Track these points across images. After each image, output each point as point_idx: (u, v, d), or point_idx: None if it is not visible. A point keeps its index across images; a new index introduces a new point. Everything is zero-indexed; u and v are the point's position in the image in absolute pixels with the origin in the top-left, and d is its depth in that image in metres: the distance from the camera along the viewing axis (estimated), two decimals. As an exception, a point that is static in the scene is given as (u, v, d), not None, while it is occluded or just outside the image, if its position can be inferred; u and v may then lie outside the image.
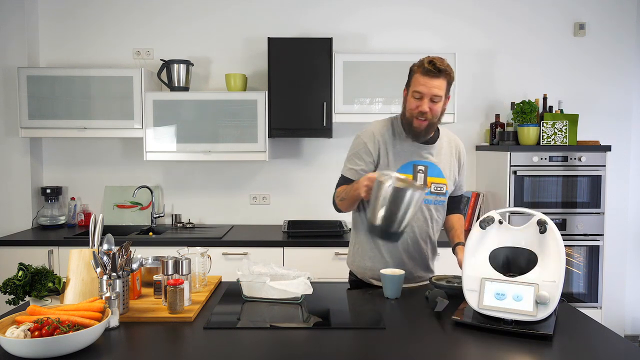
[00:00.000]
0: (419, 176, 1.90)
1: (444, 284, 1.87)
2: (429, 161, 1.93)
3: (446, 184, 1.96)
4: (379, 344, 1.42)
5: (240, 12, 3.58)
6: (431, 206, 1.97)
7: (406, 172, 1.90)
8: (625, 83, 3.63)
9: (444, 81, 1.81)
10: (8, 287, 1.67)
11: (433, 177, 1.93)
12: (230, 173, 3.65)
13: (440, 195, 1.96)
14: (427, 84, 1.80)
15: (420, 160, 1.92)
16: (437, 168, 1.94)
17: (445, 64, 1.81)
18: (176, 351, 1.41)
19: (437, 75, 1.79)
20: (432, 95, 1.81)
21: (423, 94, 1.81)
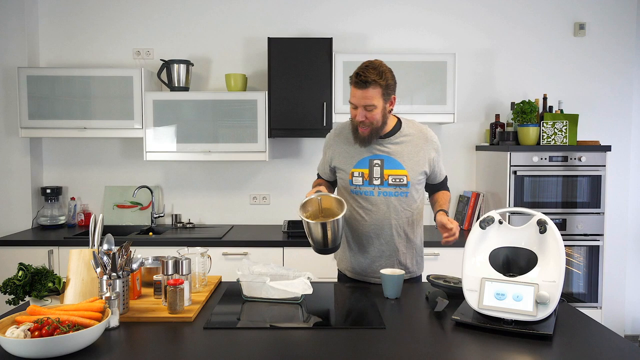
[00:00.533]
0: (375, 170, 1.99)
1: (442, 283, 1.87)
2: (385, 155, 1.99)
3: (407, 175, 1.99)
4: (379, 344, 1.42)
5: (240, 12, 3.59)
6: (392, 198, 1.99)
7: (362, 167, 2.00)
8: (625, 83, 3.63)
9: (375, 90, 1.86)
10: (8, 287, 1.67)
11: (391, 170, 1.99)
12: (230, 173, 3.65)
13: (400, 187, 1.99)
14: (356, 95, 1.88)
15: (376, 155, 2.00)
16: (394, 161, 1.98)
17: (373, 75, 1.84)
18: (176, 351, 1.41)
19: (365, 86, 1.85)
20: (364, 105, 1.88)
21: (356, 105, 1.90)
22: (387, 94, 1.90)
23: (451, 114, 3.28)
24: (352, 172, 2.01)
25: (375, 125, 1.92)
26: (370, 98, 1.86)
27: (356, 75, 1.87)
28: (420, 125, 2.08)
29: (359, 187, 2.01)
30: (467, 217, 3.47)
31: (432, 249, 3.05)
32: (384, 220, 2.00)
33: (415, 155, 2.00)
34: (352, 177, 2.01)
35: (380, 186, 1.99)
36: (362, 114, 1.89)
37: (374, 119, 1.91)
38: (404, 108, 3.26)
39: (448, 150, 3.65)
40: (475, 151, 3.66)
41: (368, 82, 1.84)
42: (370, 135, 1.94)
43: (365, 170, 1.99)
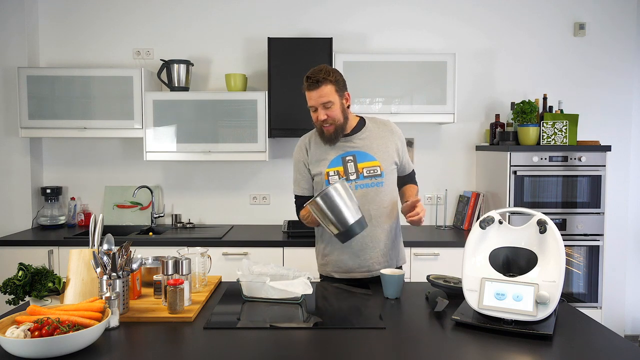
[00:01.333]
0: (349, 165, 2.05)
1: (442, 283, 1.87)
2: (355, 150, 2.07)
3: (379, 166, 2.06)
4: (379, 344, 1.42)
5: (240, 12, 3.59)
6: (369, 189, 2.05)
7: (335, 165, 2.06)
8: (625, 83, 3.63)
9: (328, 87, 1.98)
10: (8, 287, 1.67)
11: (364, 163, 2.06)
12: (230, 173, 3.65)
13: (375, 177, 2.06)
14: (312, 97, 2.00)
15: (346, 152, 2.07)
16: (365, 154, 2.07)
17: (321, 74, 1.97)
18: (176, 351, 1.41)
19: (317, 86, 1.97)
20: (321, 103, 1.98)
21: (314, 106, 2.01)
22: (340, 90, 2.02)
23: (451, 114, 3.28)
24: (327, 172, 2.06)
25: (337, 122, 2.02)
26: (325, 95, 1.98)
27: (307, 79, 2.00)
28: (383, 120, 2.20)
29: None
30: (467, 217, 3.47)
31: (432, 249, 3.05)
32: (364, 213, 2.02)
33: (383, 146, 2.10)
34: (328, 177, 2.06)
35: (356, 180, 2.04)
36: (323, 112, 1.99)
37: (335, 116, 2.01)
38: (404, 108, 3.27)
39: (448, 150, 3.66)
40: (475, 151, 3.66)
41: (319, 81, 1.97)
42: (336, 132, 2.04)
43: (339, 168, 2.06)
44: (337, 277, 2.13)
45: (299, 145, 2.17)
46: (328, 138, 2.05)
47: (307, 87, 2.00)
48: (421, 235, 3.28)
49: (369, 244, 2.07)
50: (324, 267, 2.17)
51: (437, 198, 3.65)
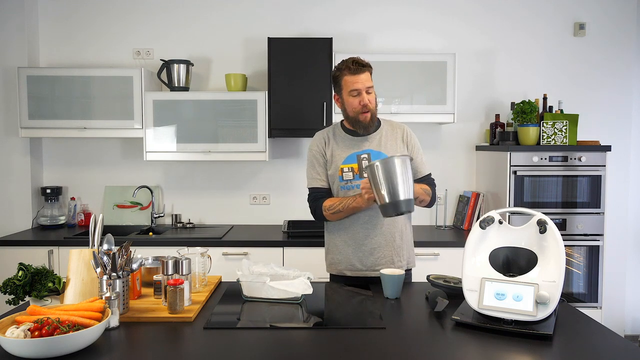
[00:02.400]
0: (364, 163, 2.06)
1: (442, 283, 1.87)
2: (371, 149, 2.09)
3: None
4: (379, 344, 1.42)
5: (240, 12, 3.59)
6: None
7: (350, 162, 2.07)
8: (625, 83, 3.63)
9: (369, 73, 2.05)
10: (8, 287, 1.67)
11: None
12: (230, 173, 3.65)
13: None
14: (360, 80, 2.02)
15: (362, 150, 2.09)
16: (379, 153, 2.08)
17: (364, 61, 2.04)
18: (176, 351, 1.41)
19: (363, 70, 2.02)
20: (367, 87, 2.03)
21: (359, 89, 2.02)
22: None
23: (451, 114, 3.28)
24: (342, 167, 2.07)
25: (374, 111, 2.07)
26: (368, 79, 2.03)
27: (352, 62, 2.01)
28: (397, 122, 2.22)
29: (350, 182, 2.06)
30: (467, 217, 3.47)
31: (432, 249, 3.05)
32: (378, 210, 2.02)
33: (396, 147, 2.12)
34: (342, 173, 2.07)
35: None
36: (366, 97, 2.02)
37: (373, 103, 2.06)
38: (404, 108, 3.27)
39: (448, 150, 3.66)
40: (475, 151, 3.66)
41: (364, 66, 2.02)
42: (371, 120, 2.07)
43: (354, 165, 2.07)
44: (350, 275, 2.12)
45: (317, 139, 2.17)
46: (365, 126, 2.06)
47: (354, 71, 2.01)
48: (421, 235, 3.28)
49: (383, 242, 2.08)
50: (336, 265, 2.16)
51: (437, 198, 3.65)
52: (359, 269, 2.11)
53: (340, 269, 2.15)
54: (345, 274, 2.14)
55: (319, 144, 2.15)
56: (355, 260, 2.10)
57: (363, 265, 2.10)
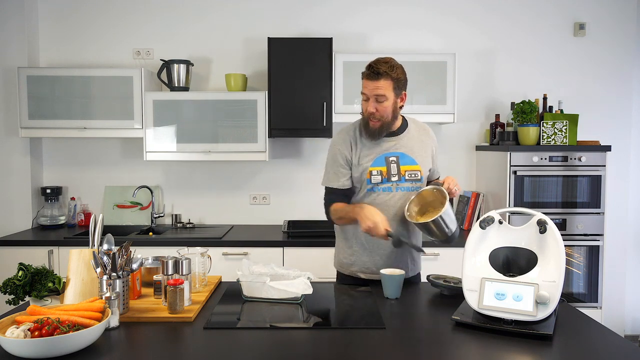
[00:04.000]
0: (392, 166, 2.02)
1: (442, 283, 1.87)
2: (400, 152, 2.04)
3: (420, 170, 2.05)
4: (379, 344, 1.42)
5: (240, 12, 3.59)
6: (410, 193, 2.03)
7: (379, 165, 2.01)
8: (625, 83, 3.63)
9: (387, 82, 1.92)
10: (8, 287, 1.67)
11: (406, 166, 2.03)
12: (230, 173, 3.65)
13: (416, 182, 2.04)
14: (369, 86, 1.94)
15: (391, 152, 2.03)
16: (408, 157, 2.04)
17: (385, 67, 1.91)
18: (176, 351, 1.41)
19: (377, 78, 1.91)
20: (375, 95, 1.93)
21: (367, 95, 1.95)
22: (397, 88, 1.96)
23: (451, 114, 3.28)
24: (371, 170, 2.01)
25: (385, 120, 1.97)
26: (381, 89, 1.92)
27: (368, 67, 1.93)
28: (421, 123, 2.19)
29: (378, 185, 2.01)
30: (467, 217, 3.47)
31: (432, 249, 3.05)
32: (401, 216, 2.01)
33: (424, 151, 2.09)
34: (370, 175, 2.01)
35: (398, 182, 2.02)
36: (373, 105, 1.94)
37: (385, 113, 1.95)
38: (404, 108, 3.26)
39: (448, 150, 3.65)
40: (475, 151, 3.66)
41: (380, 74, 1.91)
42: (381, 129, 1.99)
43: (383, 168, 2.01)
44: (364, 277, 2.08)
45: (343, 138, 2.07)
46: (371, 133, 1.99)
47: (367, 76, 1.94)
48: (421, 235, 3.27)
49: (398, 251, 2.04)
50: (350, 266, 2.10)
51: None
52: (374, 272, 2.05)
53: (353, 270, 2.10)
54: (359, 276, 2.09)
55: (346, 145, 2.05)
56: (370, 264, 2.06)
57: (378, 268, 2.03)
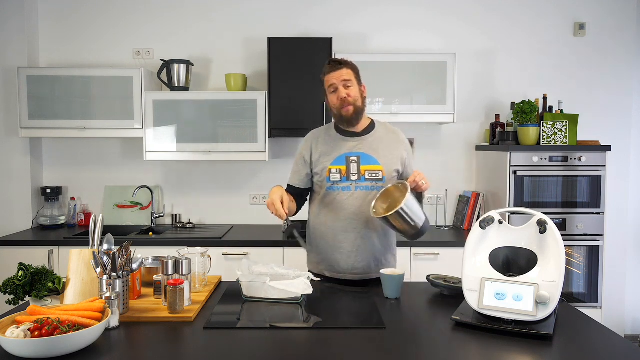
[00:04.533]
0: (352, 166, 2.06)
1: (442, 283, 1.87)
2: (361, 152, 2.08)
3: (382, 170, 2.06)
4: (379, 344, 1.42)
5: (240, 12, 3.59)
6: (369, 192, 2.05)
7: (339, 164, 2.07)
8: (625, 83, 3.63)
9: (349, 70, 2.06)
10: (8, 287, 1.67)
11: (367, 165, 2.07)
12: (230, 173, 3.65)
13: (377, 182, 2.06)
14: (334, 76, 2.05)
15: (352, 152, 2.08)
16: (370, 157, 2.07)
17: (344, 59, 2.08)
18: (176, 351, 1.41)
19: (339, 67, 2.05)
20: (342, 80, 2.03)
21: (335, 83, 2.04)
22: (358, 78, 2.09)
23: (451, 114, 3.28)
24: (330, 169, 2.07)
25: (357, 103, 2.05)
26: (346, 74, 2.04)
27: (328, 62, 2.08)
28: (392, 127, 2.22)
29: (337, 184, 2.06)
30: (467, 217, 3.47)
31: (432, 249, 3.05)
32: (360, 215, 2.04)
33: (389, 153, 2.10)
34: (329, 174, 2.07)
35: (357, 181, 2.05)
36: (344, 90, 2.03)
37: (355, 95, 2.05)
38: (404, 108, 3.27)
39: (448, 150, 3.66)
40: (475, 151, 3.66)
41: (341, 63, 2.05)
42: (356, 113, 2.06)
43: (342, 167, 2.06)
44: (329, 275, 2.13)
45: (307, 139, 2.20)
46: (348, 120, 2.06)
47: (329, 69, 2.05)
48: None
49: (362, 246, 2.07)
50: (317, 265, 2.17)
51: (437, 198, 3.65)
52: (338, 271, 2.10)
53: (321, 269, 2.15)
54: (325, 274, 2.14)
55: (306, 146, 2.17)
56: (333, 262, 2.10)
57: (342, 268, 2.09)
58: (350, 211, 2.04)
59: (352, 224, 2.05)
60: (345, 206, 2.05)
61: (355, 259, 2.07)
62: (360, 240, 2.06)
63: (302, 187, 2.18)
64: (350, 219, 2.04)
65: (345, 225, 2.06)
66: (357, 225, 2.05)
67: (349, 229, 2.06)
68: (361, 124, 2.12)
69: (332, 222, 2.08)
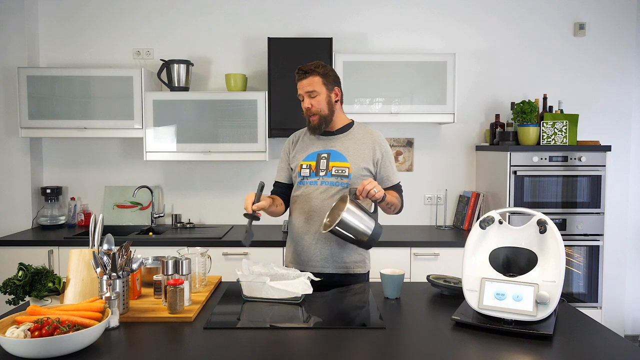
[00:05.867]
0: (322, 162, 2.13)
1: (442, 283, 1.87)
2: (332, 149, 2.15)
3: (349, 167, 2.10)
4: (379, 344, 1.42)
5: (240, 12, 3.59)
6: (332, 187, 2.09)
7: (310, 160, 2.15)
8: (625, 83, 3.63)
9: (315, 78, 2.09)
10: (8, 287, 1.67)
11: (335, 162, 2.12)
12: (230, 173, 3.65)
13: (342, 178, 2.10)
14: (301, 86, 2.12)
15: (324, 150, 2.16)
16: (340, 154, 2.13)
17: (311, 66, 2.10)
18: (176, 351, 1.41)
19: (305, 76, 2.10)
20: (307, 92, 2.09)
21: (301, 94, 2.12)
22: (328, 84, 2.10)
23: (451, 114, 3.28)
24: (301, 164, 2.15)
25: (322, 113, 2.10)
26: (311, 85, 2.08)
27: (298, 69, 2.12)
28: (371, 129, 2.23)
29: (306, 178, 2.14)
30: (467, 217, 3.47)
31: (432, 249, 3.05)
32: (322, 207, 2.07)
33: (360, 152, 2.13)
34: (300, 169, 2.15)
35: (323, 176, 2.10)
36: (308, 101, 2.10)
37: (319, 106, 2.09)
38: (404, 108, 3.27)
39: (448, 150, 3.66)
40: (475, 151, 3.66)
41: (306, 72, 2.09)
42: (320, 123, 2.12)
43: (312, 162, 2.14)
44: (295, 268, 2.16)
45: (289, 138, 2.31)
46: (312, 128, 2.14)
47: (298, 78, 2.12)
48: (421, 235, 3.28)
49: (322, 239, 2.09)
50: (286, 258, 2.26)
51: (437, 198, 3.65)
52: (300, 263, 2.15)
53: (287, 262, 2.24)
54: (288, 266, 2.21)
55: (288, 144, 2.28)
56: (296, 256, 2.16)
57: (303, 261, 2.13)
58: (313, 204, 2.10)
59: (314, 216, 2.10)
60: (309, 199, 2.11)
61: (314, 252, 2.11)
62: (320, 234, 2.09)
63: (287, 183, 2.27)
64: (313, 211, 2.10)
65: (308, 218, 2.11)
66: (319, 217, 2.08)
67: (311, 221, 2.11)
68: (336, 124, 2.17)
69: (298, 215, 2.15)
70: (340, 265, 2.11)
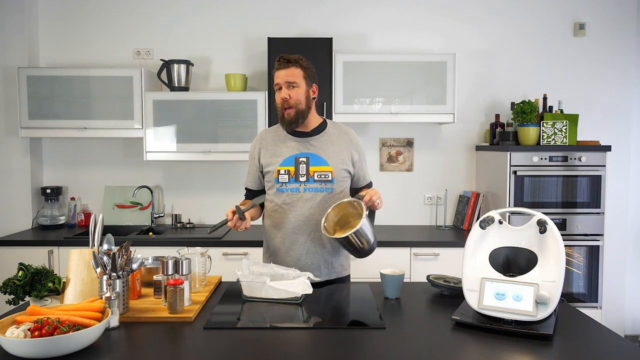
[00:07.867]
0: (301, 167, 2.04)
1: (442, 283, 1.87)
2: (310, 152, 2.05)
3: (332, 171, 2.04)
4: (379, 344, 1.42)
5: (240, 12, 3.59)
6: (317, 194, 2.03)
7: (288, 165, 2.04)
8: (625, 83, 3.63)
9: (297, 69, 2.00)
10: (8, 287, 1.67)
11: (316, 166, 2.04)
12: (230, 173, 3.65)
13: (325, 183, 2.04)
14: (280, 75, 2.00)
15: (301, 153, 2.05)
16: (319, 157, 2.04)
17: (294, 57, 2.01)
18: (176, 351, 1.41)
19: (287, 66, 1.99)
20: (287, 82, 1.99)
21: (280, 83, 2.01)
22: (308, 78, 2.02)
23: (451, 114, 3.28)
24: (279, 170, 2.04)
25: (299, 106, 2.00)
26: (292, 76, 1.99)
27: (278, 59, 2.01)
28: (345, 127, 2.17)
29: (285, 185, 2.04)
30: (467, 217, 3.47)
31: (432, 249, 3.05)
32: (310, 217, 2.02)
33: (339, 153, 2.07)
34: (278, 175, 2.04)
35: (305, 182, 2.03)
36: (286, 91, 1.99)
37: (298, 98, 1.99)
38: (404, 108, 3.27)
39: (448, 150, 3.66)
40: (475, 151, 3.66)
41: (290, 62, 1.99)
42: (296, 117, 2.01)
43: (291, 167, 2.04)
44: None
45: (255, 140, 2.16)
46: (287, 122, 2.01)
47: (278, 66, 2.01)
48: (421, 235, 3.28)
49: (312, 248, 2.05)
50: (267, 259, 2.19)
51: (437, 198, 3.66)
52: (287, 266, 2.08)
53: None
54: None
55: (255, 147, 2.14)
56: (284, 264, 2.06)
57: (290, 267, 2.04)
58: (298, 213, 2.02)
59: (301, 226, 2.03)
60: (294, 208, 2.03)
61: (304, 261, 2.05)
62: (310, 243, 2.04)
63: (257, 189, 2.19)
64: (300, 221, 2.03)
65: (294, 228, 2.04)
66: (307, 227, 2.03)
67: (298, 232, 2.04)
68: (311, 124, 2.07)
69: (281, 224, 2.06)
70: (331, 271, 2.09)
